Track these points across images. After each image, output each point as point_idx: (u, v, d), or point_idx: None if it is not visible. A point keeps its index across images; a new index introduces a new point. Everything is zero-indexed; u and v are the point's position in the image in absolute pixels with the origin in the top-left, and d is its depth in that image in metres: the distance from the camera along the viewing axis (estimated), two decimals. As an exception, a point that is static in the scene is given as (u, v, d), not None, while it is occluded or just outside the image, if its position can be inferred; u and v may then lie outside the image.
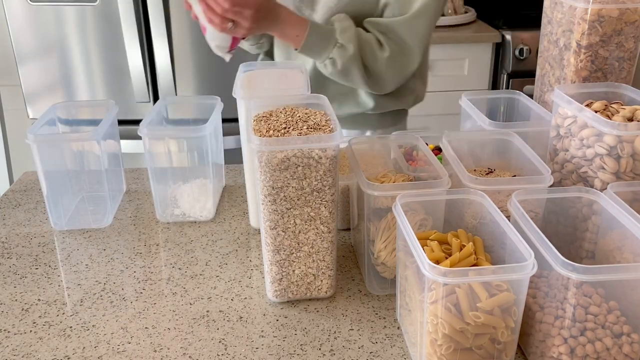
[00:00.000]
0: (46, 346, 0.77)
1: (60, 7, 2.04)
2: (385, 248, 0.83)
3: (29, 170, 1.24)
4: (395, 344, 0.77)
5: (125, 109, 2.09)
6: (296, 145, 0.75)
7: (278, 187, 0.77)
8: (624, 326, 0.67)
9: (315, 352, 0.76)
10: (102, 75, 2.13)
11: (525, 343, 0.74)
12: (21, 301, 0.86)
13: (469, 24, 2.45)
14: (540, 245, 0.67)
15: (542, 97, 1.10)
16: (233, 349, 0.77)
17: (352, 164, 0.88)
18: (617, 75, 0.98)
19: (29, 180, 1.21)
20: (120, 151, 1.14)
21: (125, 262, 0.95)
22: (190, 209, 1.05)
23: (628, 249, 0.71)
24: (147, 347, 0.77)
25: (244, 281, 0.90)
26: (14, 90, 2.25)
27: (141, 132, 0.98)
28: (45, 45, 2.09)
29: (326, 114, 0.83)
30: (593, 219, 0.78)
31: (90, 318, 0.82)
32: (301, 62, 1.07)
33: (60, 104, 1.11)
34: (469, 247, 0.70)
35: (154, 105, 1.07)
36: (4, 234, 1.03)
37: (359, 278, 0.90)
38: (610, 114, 0.82)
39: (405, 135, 0.97)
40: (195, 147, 1.01)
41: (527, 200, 0.78)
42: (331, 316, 0.82)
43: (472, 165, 0.97)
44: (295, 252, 0.81)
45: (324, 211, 0.79)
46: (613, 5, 0.92)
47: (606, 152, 0.79)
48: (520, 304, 0.66)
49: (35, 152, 0.97)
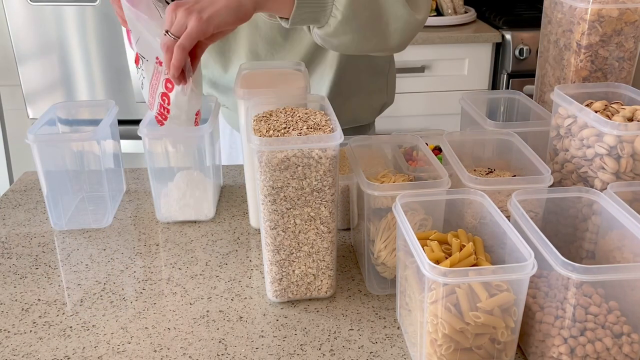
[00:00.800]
0: (46, 346, 0.77)
1: (60, 7, 2.04)
2: (385, 248, 0.83)
3: (29, 170, 1.24)
4: (395, 344, 0.77)
5: (125, 109, 2.09)
6: (296, 145, 0.75)
7: (278, 187, 0.77)
8: (624, 326, 0.67)
9: (315, 352, 0.76)
10: (102, 75, 2.13)
11: (525, 343, 0.74)
12: (21, 301, 0.86)
13: (469, 24, 2.45)
14: (540, 245, 0.67)
15: (542, 97, 1.10)
16: (233, 349, 0.77)
17: (352, 164, 0.88)
18: (617, 75, 0.98)
19: (29, 180, 1.22)
20: (120, 151, 1.14)
21: (125, 262, 0.95)
22: (190, 209, 1.05)
23: (628, 249, 0.71)
24: (147, 347, 0.77)
25: (244, 281, 0.90)
26: (14, 90, 2.25)
27: (141, 132, 0.98)
28: (45, 45, 2.09)
29: (326, 114, 0.83)
30: (593, 219, 0.78)
31: (90, 318, 0.82)
32: (301, 62, 1.07)
33: (60, 104, 1.11)
34: (469, 247, 0.70)
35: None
36: (4, 234, 1.03)
37: (359, 278, 0.90)
38: (610, 114, 0.82)
39: (405, 135, 0.97)
40: (194, 147, 1.01)
41: (527, 200, 0.78)
42: (331, 316, 0.82)
43: (472, 165, 0.97)
44: (295, 252, 0.81)
45: (324, 211, 0.79)
46: (613, 5, 0.92)
47: (606, 152, 0.79)
48: (520, 304, 0.66)
49: (35, 152, 0.97)
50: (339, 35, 0.91)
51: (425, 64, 2.33)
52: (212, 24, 0.82)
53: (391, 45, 0.97)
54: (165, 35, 0.83)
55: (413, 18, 0.93)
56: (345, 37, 0.91)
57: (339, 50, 0.97)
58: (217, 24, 0.82)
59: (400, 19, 0.92)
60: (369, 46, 0.96)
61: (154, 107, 0.93)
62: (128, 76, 2.10)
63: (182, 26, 0.82)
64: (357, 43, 0.93)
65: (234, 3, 0.83)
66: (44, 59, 2.11)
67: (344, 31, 0.90)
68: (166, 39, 0.82)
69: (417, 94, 2.37)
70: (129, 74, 2.09)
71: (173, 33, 0.82)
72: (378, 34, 0.94)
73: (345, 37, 0.91)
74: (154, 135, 0.99)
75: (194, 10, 0.81)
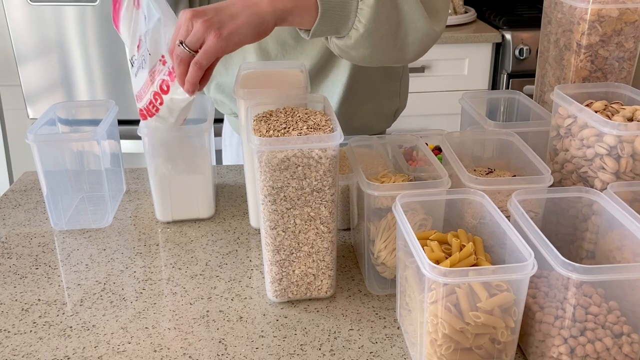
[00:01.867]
0: (46, 346, 0.77)
1: (60, 7, 2.04)
2: (385, 248, 0.83)
3: (29, 170, 1.24)
4: (395, 344, 0.77)
5: (125, 109, 2.09)
6: (296, 145, 0.75)
7: (278, 187, 0.77)
8: (624, 326, 0.67)
9: (315, 352, 0.76)
10: (102, 75, 2.13)
11: (525, 343, 0.74)
12: (21, 301, 0.86)
13: (469, 24, 2.45)
14: (540, 245, 0.67)
15: (542, 97, 1.10)
16: (233, 349, 0.77)
17: (352, 164, 0.88)
18: (617, 75, 0.98)
19: (29, 180, 1.22)
20: (120, 151, 1.14)
21: (125, 262, 0.95)
22: (190, 209, 1.05)
23: (628, 249, 0.71)
24: (147, 347, 0.77)
25: (244, 281, 0.90)
26: (14, 90, 2.25)
27: (141, 132, 0.98)
28: (45, 45, 2.09)
29: (326, 114, 0.83)
30: (593, 219, 0.78)
31: (90, 318, 0.82)
32: (301, 62, 1.06)
33: (60, 104, 1.11)
34: (469, 247, 0.70)
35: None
36: (4, 234, 1.03)
37: (359, 278, 0.90)
38: (610, 114, 0.82)
39: (405, 135, 0.97)
40: (194, 146, 1.01)
41: (527, 200, 0.78)
42: (331, 316, 0.82)
43: (472, 165, 0.97)
44: (295, 252, 0.81)
45: (324, 211, 0.79)
46: (613, 5, 0.92)
47: (606, 152, 0.79)
48: (520, 304, 0.66)
49: (35, 152, 0.97)
50: (358, 48, 0.88)
51: (425, 64, 2.33)
52: (232, 42, 0.78)
53: (407, 58, 0.94)
54: (179, 46, 0.79)
55: (432, 30, 0.90)
56: (364, 50, 0.89)
57: (354, 61, 0.94)
58: (237, 41, 0.78)
59: (419, 30, 0.89)
60: (386, 58, 0.93)
61: (143, 100, 0.92)
62: (128, 76, 2.10)
63: (198, 40, 0.78)
64: (375, 55, 0.90)
65: (256, 19, 0.78)
66: (44, 59, 2.11)
67: (364, 44, 0.87)
68: (180, 50, 0.79)
69: (417, 94, 2.37)
70: (129, 74, 2.10)
71: (188, 45, 0.78)
72: (396, 46, 0.91)
73: (365, 50, 0.88)
74: (154, 135, 0.99)
75: (213, 25, 0.77)
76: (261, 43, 1.14)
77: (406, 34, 0.90)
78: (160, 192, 1.03)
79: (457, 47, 2.32)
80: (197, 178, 1.04)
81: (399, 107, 1.30)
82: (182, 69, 0.81)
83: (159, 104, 0.91)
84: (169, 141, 0.99)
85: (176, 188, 1.04)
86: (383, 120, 1.28)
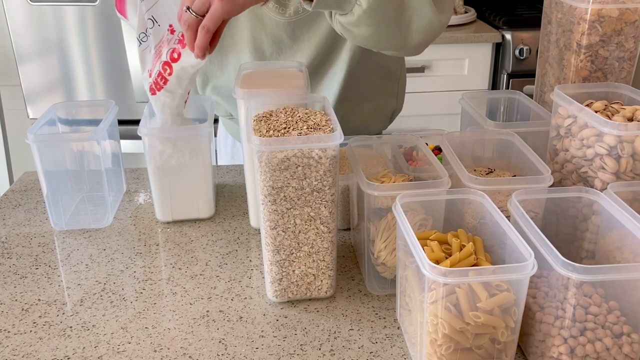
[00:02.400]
0: (46, 346, 0.77)
1: (60, 7, 2.04)
2: (385, 248, 0.83)
3: (29, 170, 1.24)
4: (395, 344, 0.77)
5: (125, 109, 2.09)
6: (296, 145, 0.75)
7: (278, 187, 0.77)
8: (624, 326, 0.67)
9: (315, 352, 0.76)
10: (102, 75, 2.13)
11: (525, 343, 0.74)
12: (21, 301, 0.86)
13: (469, 24, 2.45)
14: (540, 245, 0.67)
15: (542, 97, 1.10)
16: (233, 349, 0.77)
17: (352, 164, 0.88)
18: (617, 75, 0.98)
19: (29, 180, 1.22)
20: (120, 151, 1.14)
21: (125, 262, 0.95)
22: (190, 208, 1.05)
23: (628, 249, 0.71)
24: (147, 347, 0.77)
25: (244, 281, 0.90)
26: (14, 90, 2.25)
27: (141, 132, 0.98)
28: (45, 45, 2.09)
29: (326, 114, 0.83)
30: (593, 219, 0.78)
31: (90, 318, 0.82)
32: (300, 62, 1.06)
33: (60, 104, 1.11)
34: (469, 247, 0.70)
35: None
36: (4, 234, 1.03)
37: (359, 278, 0.90)
38: (610, 114, 0.82)
39: (405, 135, 0.97)
40: (194, 146, 1.01)
41: (527, 200, 0.78)
42: (331, 316, 0.82)
43: (472, 165, 0.97)
44: (295, 252, 0.81)
45: (324, 211, 0.79)
46: (613, 5, 0.92)
47: (606, 152, 0.79)
48: (520, 304, 0.66)
49: (35, 152, 0.97)
50: (360, 25, 0.88)
51: (425, 64, 2.33)
52: (238, 4, 0.79)
53: (410, 45, 0.94)
54: (186, 12, 0.80)
55: (436, 19, 0.90)
56: (366, 29, 0.89)
57: (357, 42, 0.94)
58: (243, 3, 0.79)
59: (423, 18, 0.90)
60: (388, 42, 0.93)
61: (153, 73, 0.93)
62: (128, 76, 2.10)
63: (204, 4, 0.79)
64: (377, 36, 0.90)
65: None
66: (44, 59, 2.11)
67: (366, 22, 0.87)
68: (187, 15, 0.80)
69: (417, 94, 2.37)
70: (129, 74, 2.09)
71: (195, 11, 0.80)
72: (399, 30, 0.91)
73: (367, 28, 0.88)
74: (154, 135, 0.99)
75: None
76: (256, 43, 1.14)
77: (411, 19, 0.90)
78: (160, 192, 1.03)
79: (457, 47, 2.32)
80: (197, 178, 1.04)
81: (396, 109, 1.30)
82: (190, 34, 0.82)
83: (167, 74, 0.92)
84: (169, 141, 0.99)
85: (176, 188, 1.04)
86: (380, 122, 1.28)
